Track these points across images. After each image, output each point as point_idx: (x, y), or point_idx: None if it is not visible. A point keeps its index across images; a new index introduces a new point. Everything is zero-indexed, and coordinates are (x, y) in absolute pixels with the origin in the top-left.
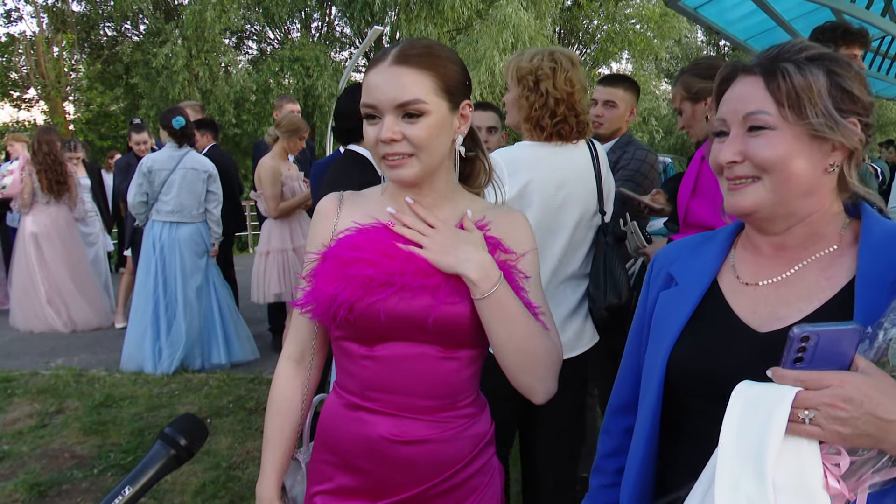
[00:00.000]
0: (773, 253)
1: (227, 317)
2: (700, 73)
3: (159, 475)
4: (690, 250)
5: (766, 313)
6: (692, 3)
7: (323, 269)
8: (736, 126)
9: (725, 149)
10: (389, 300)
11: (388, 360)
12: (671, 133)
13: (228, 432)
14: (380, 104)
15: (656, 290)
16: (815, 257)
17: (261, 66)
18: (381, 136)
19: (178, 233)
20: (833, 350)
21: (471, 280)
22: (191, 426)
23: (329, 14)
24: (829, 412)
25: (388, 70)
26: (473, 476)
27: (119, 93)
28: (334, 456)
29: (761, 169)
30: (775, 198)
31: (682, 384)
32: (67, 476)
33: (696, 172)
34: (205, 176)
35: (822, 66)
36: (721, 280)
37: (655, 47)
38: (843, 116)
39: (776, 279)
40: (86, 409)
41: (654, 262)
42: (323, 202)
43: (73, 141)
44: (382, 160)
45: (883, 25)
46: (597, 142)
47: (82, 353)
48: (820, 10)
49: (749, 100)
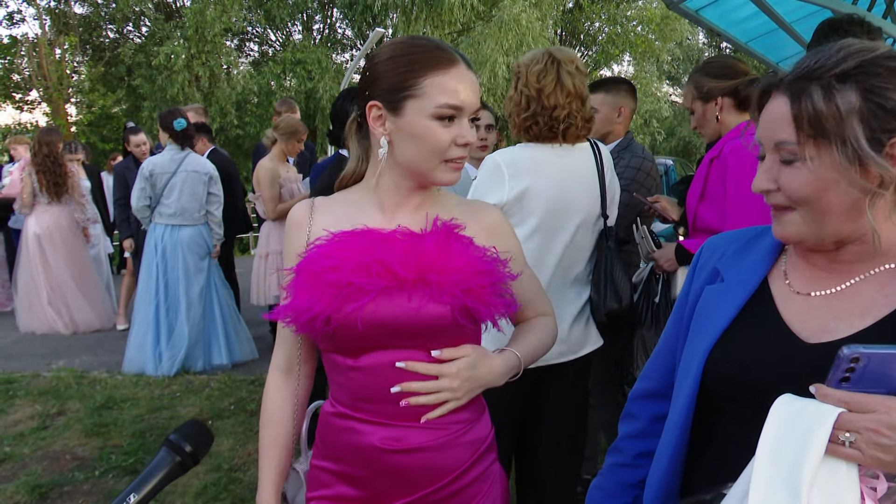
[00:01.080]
0: (827, 265)
1: (227, 318)
2: (711, 72)
3: (164, 482)
4: (740, 246)
5: (815, 325)
6: (693, 5)
7: (298, 281)
8: (769, 152)
9: (760, 176)
10: (366, 308)
11: (374, 370)
12: (673, 135)
13: (230, 434)
14: (467, 107)
15: (700, 282)
16: (874, 272)
17: (262, 68)
18: (467, 140)
19: (180, 235)
20: (881, 372)
21: (501, 377)
22: (196, 432)
23: (330, 16)
24: (872, 437)
25: (468, 74)
26: (472, 483)
27: (121, 94)
28: (332, 464)
29: (794, 201)
30: (816, 228)
31: (717, 384)
32: (69, 478)
33: (704, 177)
34: (206, 178)
35: (858, 85)
36: (772, 284)
37: (657, 49)
38: (879, 140)
39: (829, 291)
40: (87, 410)
41: (700, 253)
42: (294, 211)
43: (74, 143)
44: (445, 162)
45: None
46: (602, 144)
47: (84, 355)
48: (822, 12)
49: (776, 126)
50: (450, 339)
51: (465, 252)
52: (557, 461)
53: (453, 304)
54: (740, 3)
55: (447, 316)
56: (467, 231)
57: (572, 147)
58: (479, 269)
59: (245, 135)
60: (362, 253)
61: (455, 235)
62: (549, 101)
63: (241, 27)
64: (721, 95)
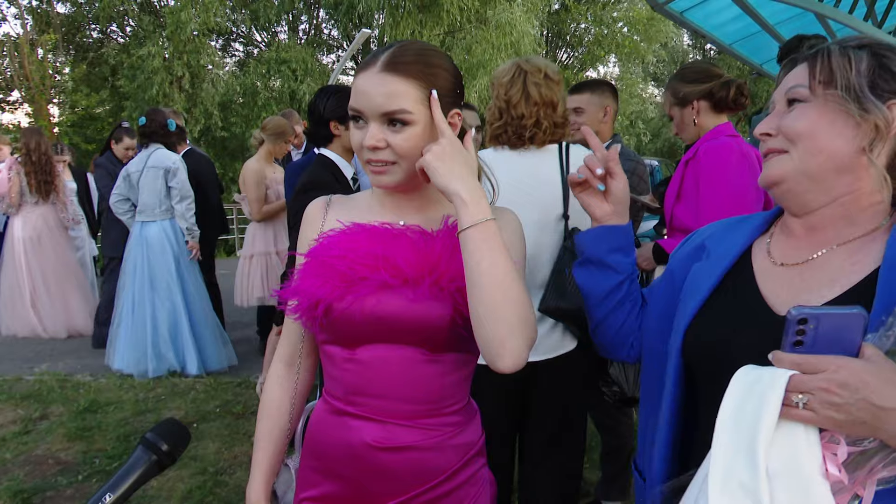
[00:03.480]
0: (804, 235)
1: (200, 323)
2: (686, 77)
3: (141, 481)
4: (727, 226)
5: (788, 296)
6: (678, 7)
7: (305, 268)
8: (780, 104)
9: (762, 123)
10: (367, 300)
11: (369, 363)
12: (658, 136)
13: (215, 437)
14: (366, 111)
15: (685, 254)
16: (844, 243)
17: (247, 68)
18: (365, 143)
19: (146, 232)
20: (838, 336)
21: (463, 200)
22: (173, 430)
23: (316, 16)
24: (823, 397)
25: (377, 76)
26: (460, 487)
27: (105, 95)
28: (319, 462)
29: (789, 140)
30: (802, 168)
31: (697, 360)
32: (52, 483)
33: (680, 178)
34: (162, 172)
35: (870, 50)
36: (755, 259)
37: (642, 51)
38: (882, 96)
39: (803, 261)
40: (70, 414)
41: (692, 235)
42: (311, 206)
43: (60, 144)
44: (366, 164)
45: (865, 29)
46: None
47: (67, 358)
48: (804, 14)
49: (791, 80)
50: (448, 340)
51: None
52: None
53: (454, 307)
54: (724, 6)
55: (447, 317)
56: None
57: (538, 150)
58: None
59: (230, 136)
60: (370, 246)
61: None
62: (516, 110)
63: (226, 27)
64: (697, 99)
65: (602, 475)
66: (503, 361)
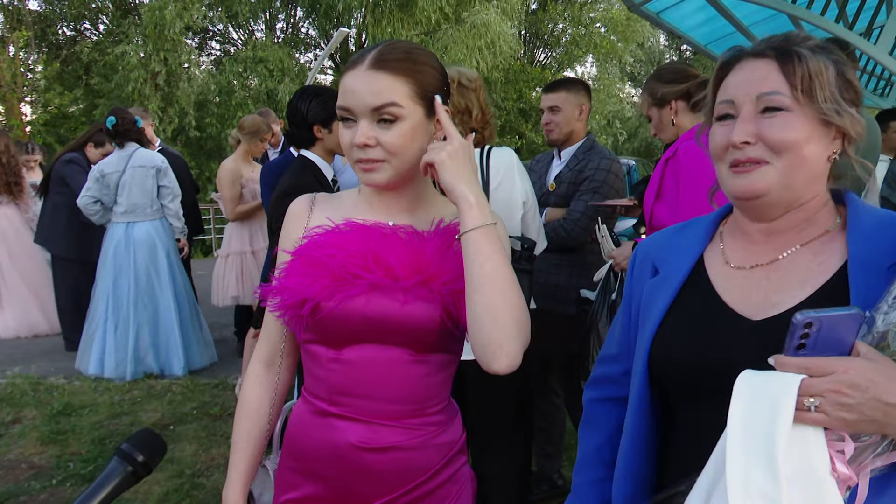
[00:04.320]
0: (763, 239)
1: (186, 322)
2: (663, 78)
3: (116, 492)
4: (670, 238)
5: (758, 300)
6: (655, 7)
7: (291, 266)
8: (748, 106)
9: (738, 129)
10: (357, 300)
11: (356, 364)
12: (635, 136)
13: (192, 439)
14: (355, 108)
15: (641, 282)
16: (807, 243)
17: (223, 67)
18: (355, 141)
19: (134, 232)
20: (834, 336)
21: (469, 202)
22: (148, 440)
23: (294, 15)
24: (835, 398)
25: (365, 74)
26: (443, 485)
27: (78, 94)
28: (300, 463)
29: (775, 151)
30: (785, 181)
31: (667, 375)
32: (24, 487)
33: (659, 177)
34: (153, 171)
35: (829, 55)
36: (709, 267)
37: (619, 51)
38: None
39: (767, 264)
40: (44, 418)
41: (635, 255)
42: (295, 204)
43: (31, 143)
44: (356, 163)
45: (836, 31)
46: (500, 150)
47: (40, 361)
48: (777, 15)
49: (763, 81)
50: (436, 341)
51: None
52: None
53: (444, 308)
54: (700, 7)
55: (436, 319)
56: None
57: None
58: None
59: (205, 136)
60: (362, 245)
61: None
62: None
63: (202, 24)
64: (674, 99)
65: None
66: (499, 363)
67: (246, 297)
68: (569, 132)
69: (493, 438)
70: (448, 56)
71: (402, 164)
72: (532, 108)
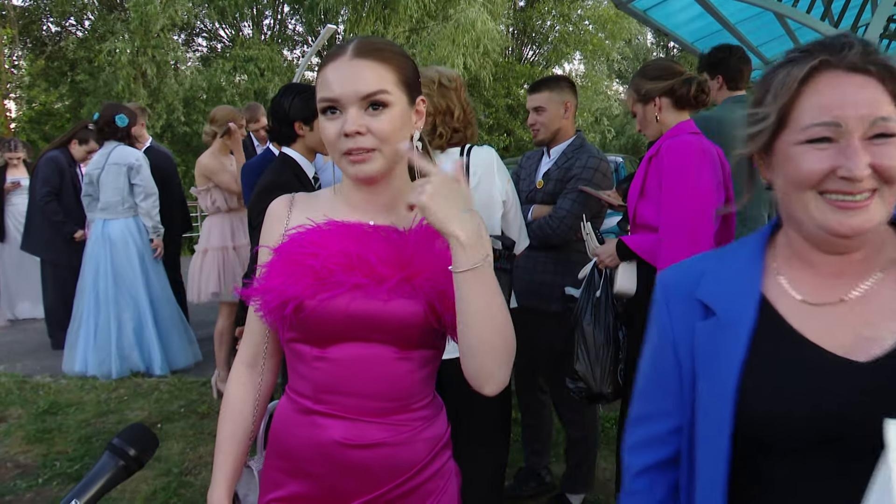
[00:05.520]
0: (834, 270)
1: (165, 321)
2: (648, 74)
3: (108, 487)
4: (709, 270)
5: (849, 337)
6: (642, 5)
7: (273, 264)
8: (860, 132)
9: (859, 159)
10: (341, 298)
11: (341, 362)
12: (623, 133)
13: (180, 437)
14: (342, 97)
15: (686, 324)
16: (885, 271)
17: (212, 64)
18: (347, 129)
19: (108, 229)
20: None
21: (461, 244)
22: (140, 435)
23: (281, 12)
24: None
25: (350, 63)
26: (429, 480)
27: (64, 90)
28: (286, 462)
29: (887, 181)
30: (887, 212)
31: (769, 431)
32: (10, 487)
33: (643, 174)
34: (125, 169)
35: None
36: (776, 304)
37: (607, 48)
38: None
39: (848, 297)
40: (29, 416)
41: (664, 290)
42: (274, 204)
43: (14, 140)
44: (344, 156)
45: (821, 28)
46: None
47: (26, 360)
48: (763, 13)
49: (874, 103)
50: (420, 338)
51: (446, 255)
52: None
53: (427, 303)
54: (686, 4)
55: (420, 315)
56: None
57: (440, 153)
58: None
59: (193, 133)
60: (343, 244)
61: (439, 238)
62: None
63: (190, 21)
64: (659, 95)
65: (566, 468)
66: (490, 387)
67: (227, 293)
68: (555, 131)
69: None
70: (434, 53)
71: (391, 152)
72: (521, 105)
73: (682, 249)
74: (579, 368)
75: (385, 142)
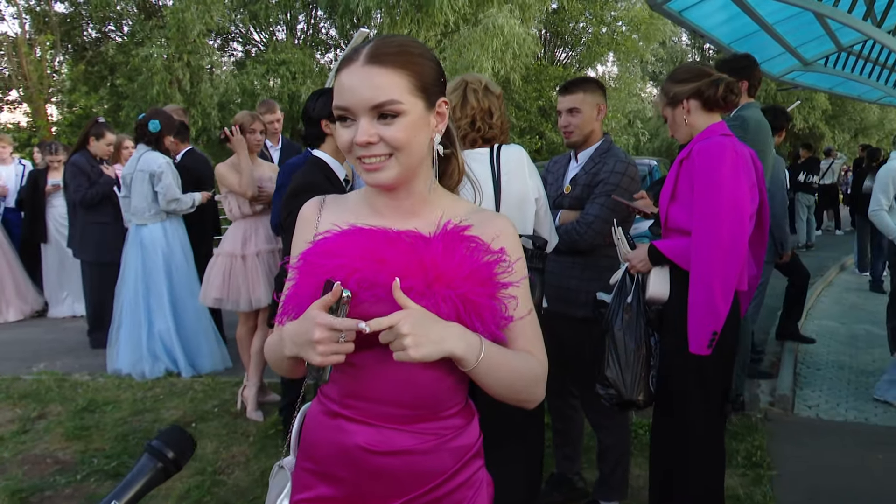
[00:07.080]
0: None
1: (188, 326)
2: (676, 77)
3: (147, 489)
4: None
5: None
6: (677, 6)
7: (300, 272)
8: None
9: None
10: (365, 306)
11: (365, 368)
12: (657, 135)
13: (213, 437)
14: (353, 106)
15: None
16: None
17: (246, 68)
18: (357, 140)
19: (140, 234)
20: None
21: (457, 357)
22: (178, 438)
23: (314, 16)
24: None
25: (361, 70)
26: (457, 489)
27: (104, 94)
28: (314, 464)
29: None
30: None
31: None
32: (50, 482)
33: (674, 178)
34: (147, 176)
35: None
36: None
37: (640, 50)
38: None
39: None
40: (68, 413)
41: None
42: (305, 207)
43: (55, 144)
44: (359, 163)
45: (864, 29)
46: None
47: (65, 358)
48: (802, 13)
49: None
50: None
51: (471, 260)
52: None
53: (450, 311)
54: (722, 5)
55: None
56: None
57: (470, 151)
58: (482, 279)
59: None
60: (368, 251)
61: (464, 243)
62: (454, 115)
63: (224, 26)
64: (686, 98)
65: (599, 476)
66: (528, 407)
67: (229, 301)
68: (588, 133)
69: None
70: (464, 58)
71: (407, 159)
72: (552, 107)
73: (715, 253)
74: (609, 374)
75: (399, 149)
